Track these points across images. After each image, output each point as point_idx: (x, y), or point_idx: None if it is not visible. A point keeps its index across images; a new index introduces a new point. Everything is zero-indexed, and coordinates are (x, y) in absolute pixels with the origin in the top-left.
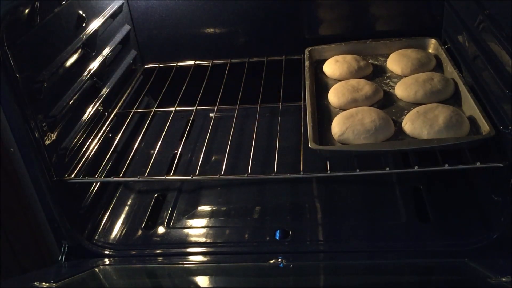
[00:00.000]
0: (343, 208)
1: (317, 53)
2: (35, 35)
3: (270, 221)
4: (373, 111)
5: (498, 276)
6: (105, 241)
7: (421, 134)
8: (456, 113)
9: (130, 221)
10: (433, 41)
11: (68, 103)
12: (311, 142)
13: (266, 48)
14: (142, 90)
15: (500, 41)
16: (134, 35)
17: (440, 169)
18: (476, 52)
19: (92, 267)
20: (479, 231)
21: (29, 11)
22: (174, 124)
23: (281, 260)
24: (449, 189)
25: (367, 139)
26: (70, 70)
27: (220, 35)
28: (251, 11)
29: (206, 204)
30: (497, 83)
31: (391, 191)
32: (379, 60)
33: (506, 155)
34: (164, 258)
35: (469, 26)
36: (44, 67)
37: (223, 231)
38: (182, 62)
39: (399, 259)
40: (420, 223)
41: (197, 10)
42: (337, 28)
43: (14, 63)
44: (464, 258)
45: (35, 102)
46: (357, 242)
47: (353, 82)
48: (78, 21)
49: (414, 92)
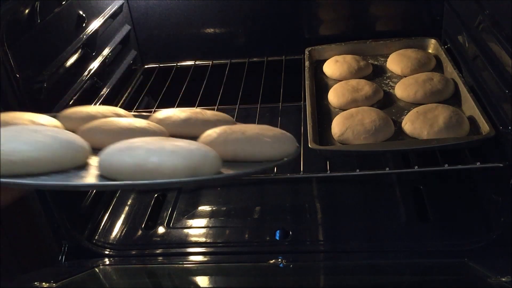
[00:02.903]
0: (343, 208)
1: (317, 53)
2: (35, 35)
3: (270, 221)
4: (373, 111)
5: (498, 276)
6: (105, 241)
7: (421, 134)
8: (456, 113)
9: (130, 221)
10: (433, 41)
11: (68, 103)
12: (311, 142)
13: (266, 48)
14: (142, 90)
15: (500, 41)
16: (134, 35)
17: (440, 169)
18: (476, 52)
19: (92, 267)
20: (479, 231)
21: (29, 11)
22: None
23: (281, 260)
24: (449, 189)
25: (367, 139)
26: (70, 70)
27: (220, 35)
28: (251, 11)
29: (206, 204)
30: (497, 83)
31: (391, 191)
32: (379, 60)
33: (506, 155)
34: (164, 258)
35: (469, 26)
36: (44, 67)
37: (223, 231)
38: (182, 62)
39: (399, 259)
40: (420, 223)
41: (197, 10)
42: (337, 28)
43: (14, 63)
44: (464, 258)
45: (35, 102)
46: (357, 242)
47: (353, 82)
48: (78, 21)
49: (414, 92)
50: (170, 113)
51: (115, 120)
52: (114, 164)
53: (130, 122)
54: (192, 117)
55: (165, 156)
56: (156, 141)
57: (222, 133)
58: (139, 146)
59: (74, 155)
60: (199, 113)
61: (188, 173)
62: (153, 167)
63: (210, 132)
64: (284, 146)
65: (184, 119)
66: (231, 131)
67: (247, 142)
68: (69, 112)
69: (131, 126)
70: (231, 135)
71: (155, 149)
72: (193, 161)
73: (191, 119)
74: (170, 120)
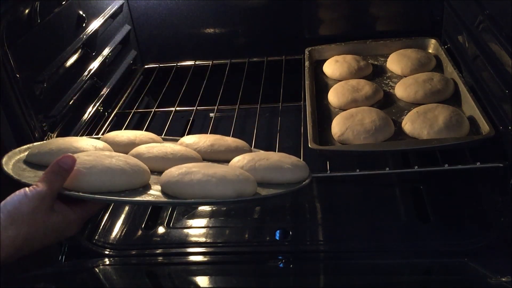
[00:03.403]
0: (343, 208)
1: (317, 53)
2: (35, 35)
3: (270, 221)
4: (373, 111)
5: (498, 276)
6: (105, 241)
7: (421, 134)
8: (456, 113)
9: (130, 221)
10: (433, 41)
11: (68, 103)
12: (311, 142)
13: (266, 48)
14: (142, 90)
15: (500, 41)
16: (134, 35)
17: (440, 169)
18: (476, 52)
19: (92, 267)
20: (479, 231)
21: (29, 11)
22: (174, 124)
23: (281, 260)
24: (449, 189)
25: (367, 139)
26: (70, 70)
27: (220, 35)
28: (251, 11)
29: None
30: (497, 83)
31: (391, 191)
32: (379, 60)
33: (506, 155)
34: (164, 258)
35: (469, 26)
36: (44, 67)
37: (223, 231)
38: (182, 62)
39: (399, 259)
40: (420, 223)
41: (197, 10)
42: (337, 28)
43: (14, 63)
44: (464, 258)
45: (35, 102)
46: (357, 242)
47: (353, 82)
48: (78, 21)
49: (414, 92)
50: (196, 139)
51: (164, 147)
52: (179, 184)
53: (177, 149)
54: (216, 143)
55: (218, 180)
56: (206, 167)
57: (251, 160)
58: (197, 171)
59: (141, 177)
60: (220, 139)
61: (235, 195)
62: (210, 189)
63: (240, 158)
64: (301, 172)
65: (210, 145)
66: (258, 158)
67: (273, 168)
68: (111, 137)
69: (179, 152)
70: (259, 162)
71: (210, 174)
72: (239, 185)
73: (215, 145)
74: (198, 145)
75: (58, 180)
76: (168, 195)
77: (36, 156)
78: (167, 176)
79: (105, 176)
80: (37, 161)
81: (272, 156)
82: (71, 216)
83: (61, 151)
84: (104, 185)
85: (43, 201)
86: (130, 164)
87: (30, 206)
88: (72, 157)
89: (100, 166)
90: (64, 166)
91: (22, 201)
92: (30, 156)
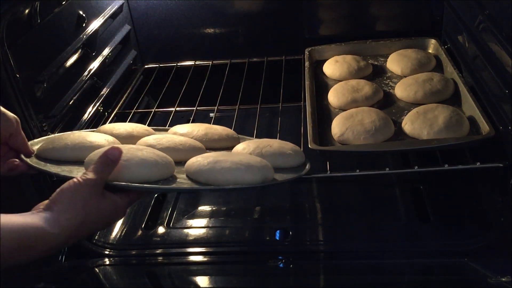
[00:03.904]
0: (343, 208)
1: (317, 53)
2: (35, 35)
3: (270, 221)
4: (373, 112)
5: (498, 276)
6: (105, 241)
7: (421, 134)
8: (456, 113)
9: (130, 221)
10: (433, 41)
11: (68, 103)
12: (311, 142)
13: (266, 48)
14: (142, 90)
15: (500, 41)
16: (134, 35)
17: (440, 169)
18: (476, 52)
19: (92, 267)
20: (479, 231)
21: (29, 11)
22: (174, 124)
23: (281, 260)
24: (449, 189)
25: (367, 139)
26: (70, 70)
27: (220, 35)
28: (251, 11)
29: (206, 204)
30: (497, 83)
31: (391, 191)
32: (379, 60)
33: (506, 155)
34: (164, 258)
35: (469, 26)
36: (44, 67)
37: (223, 231)
38: (182, 62)
39: (399, 259)
40: (420, 223)
41: (197, 10)
42: (337, 28)
43: (14, 63)
44: (464, 258)
45: (35, 102)
46: (357, 242)
47: (353, 83)
48: (78, 21)
49: (414, 92)
50: (189, 128)
51: (172, 138)
52: (213, 172)
53: (184, 140)
54: (209, 132)
55: (246, 168)
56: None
57: (256, 147)
58: (224, 159)
59: (171, 168)
60: (210, 128)
61: (261, 180)
62: (241, 175)
63: (245, 146)
64: (300, 158)
65: (204, 134)
66: (262, 145)
67: (278, 154)
68: (109, 129)
69: (187, 142)
70: (264, 148)
71: (237, 162)
72: (264, 171)
73: (208, 134)
74: (192, 134)
75: (106, 170)
76: (199, 183)
77: (51, 151)
78: (197, 165)
79: (143, 168)
80: (52, 156)
81: (273, 142)
82: (119, 202)
83: (76, 146)
84: (142, 176)
85: (95, 188)
86: (160, 156)
87: (85, 192)
88: (119, 149)
89: (137, 159)
90: (111, 157)
91: (78, 188)
92: (43, 151)
